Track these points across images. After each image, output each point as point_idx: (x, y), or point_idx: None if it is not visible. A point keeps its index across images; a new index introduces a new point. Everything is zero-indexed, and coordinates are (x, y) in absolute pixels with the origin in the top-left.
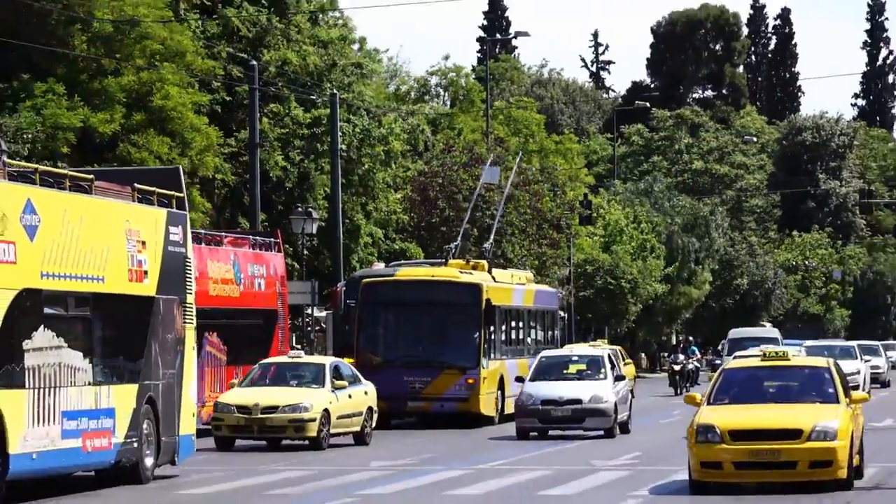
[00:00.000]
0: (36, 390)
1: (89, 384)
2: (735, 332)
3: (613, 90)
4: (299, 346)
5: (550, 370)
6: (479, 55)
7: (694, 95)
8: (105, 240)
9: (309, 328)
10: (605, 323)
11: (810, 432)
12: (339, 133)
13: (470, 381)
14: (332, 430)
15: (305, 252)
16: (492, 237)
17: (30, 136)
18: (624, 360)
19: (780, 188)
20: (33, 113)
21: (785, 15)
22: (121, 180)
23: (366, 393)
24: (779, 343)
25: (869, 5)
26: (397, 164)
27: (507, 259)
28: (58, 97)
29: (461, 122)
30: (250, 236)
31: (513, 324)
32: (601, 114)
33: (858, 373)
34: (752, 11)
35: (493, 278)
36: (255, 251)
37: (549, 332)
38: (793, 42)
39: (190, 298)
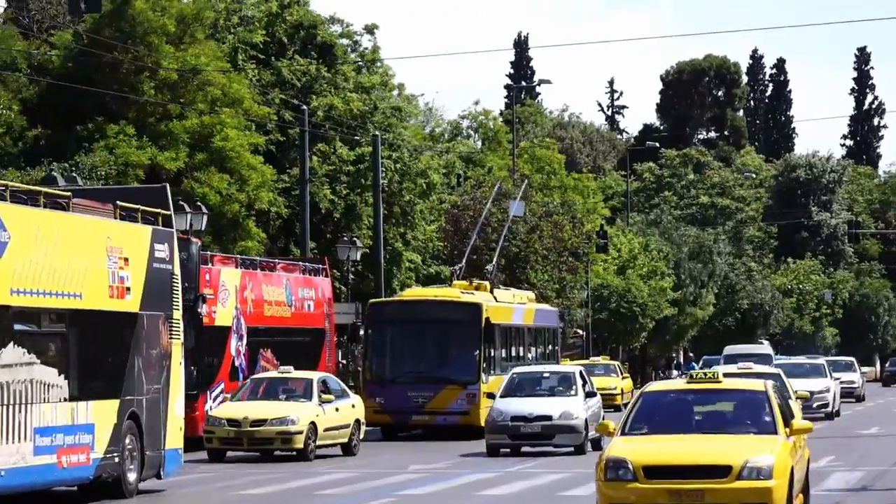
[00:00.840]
0: (4, 407)
1: (65, 400)
2: (729, 349)
3: (627, 132)
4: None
5: (522, 386)
6: (506, 100)
7: (699, 136)
8: (83, 256)
9: (353, 345)
10: (619, 341)
11: (741, 469)
12: (381, 169)
13: (470, 395)
14: (319, 442)
15: (351, 276)
16: (494, 260)
17: (103, 173)
18: (622, 374)
19: (777, 219)
20: (106, 152)
21: (780, 64)
22: (105, 199)
23: (353, 406)
24: (770, 360)
25: (856, 55)
26: (435, 195)
27: (531, 283)
28: (128, 138)
29: (490, 160)
30: (301, 263)
31: (513, 340)
32: (616, 153)
33: (828, 391)
34: (750, 61)
35: (495, 298)
36: (305, 276)
37: (549, 348)
38: (787, 88)
39: (177, 314)
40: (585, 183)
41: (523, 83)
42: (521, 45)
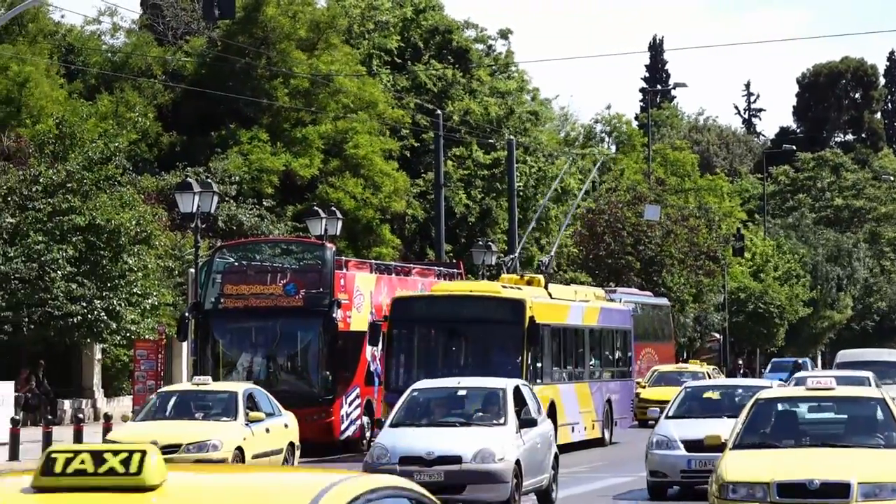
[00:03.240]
0: None
1: None
2: (844, 355)
3: (763, 135)
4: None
5: (426, 410)
6: (641, 104)
7: (836, 139)
8: None
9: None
10: (755, 344)
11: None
12: (516, 173)
13: None
14: None
15: (486, 278)
16: (553, 251)
17: (237, 178)
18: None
19: None
20: (240, 157)
21: None
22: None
23: (286, 426)
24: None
25: None
26: (570, 200)
27: (667, 287)
28: (262, 144)
29: (624, 163)
30: (436, 267)
31: (568, 344)
32: (752, 156)
33: None
34: (888, 63)
35: (550, 294)
36: (440, 280)
37: (618, 354)
38: None
39: None
40: (720, 184)
41: (658, 86)
42: (656, 48)
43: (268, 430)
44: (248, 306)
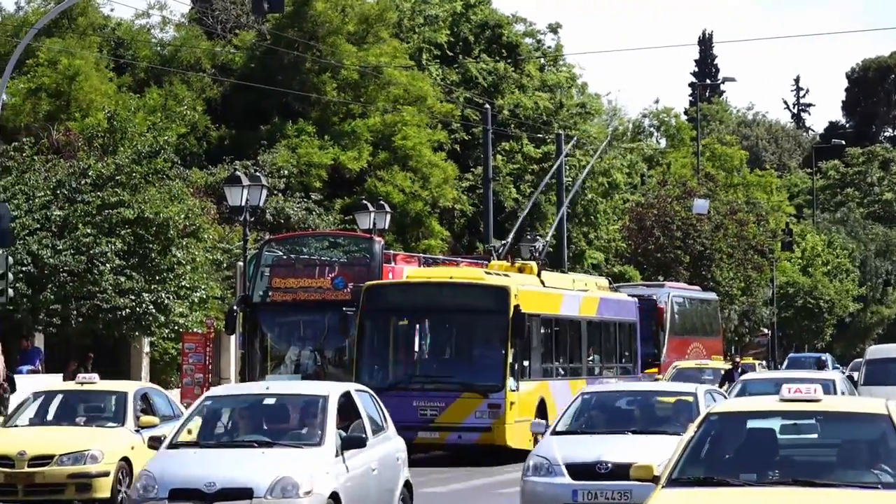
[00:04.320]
0: None
1: None
2: (875, 351)
3: (812, 129)
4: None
5: (223, 426)
6: (690, 98)
7: (885, 134)
8: None
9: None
10: (804, 339)
11: None
12: (565, 167)
13: (493, 406)
14: None
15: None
16: (548, 237)
17: (285, 171)
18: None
19: None
20: (288, 151)
21: None
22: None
23: None
24: None
25: None
26: (619, 195)
27: (716, 281)
28: (310, 137)
29: (672, 157)
30: (484, 261)
31: (563, 337)
32: (801, 151)
33: None
34: None
35: (543, 282)
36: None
37: (621, 348)
38: None
39: None
40: (768, 179)
41: (708, 81)
42: (705, 42)
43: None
44: (296, 300)
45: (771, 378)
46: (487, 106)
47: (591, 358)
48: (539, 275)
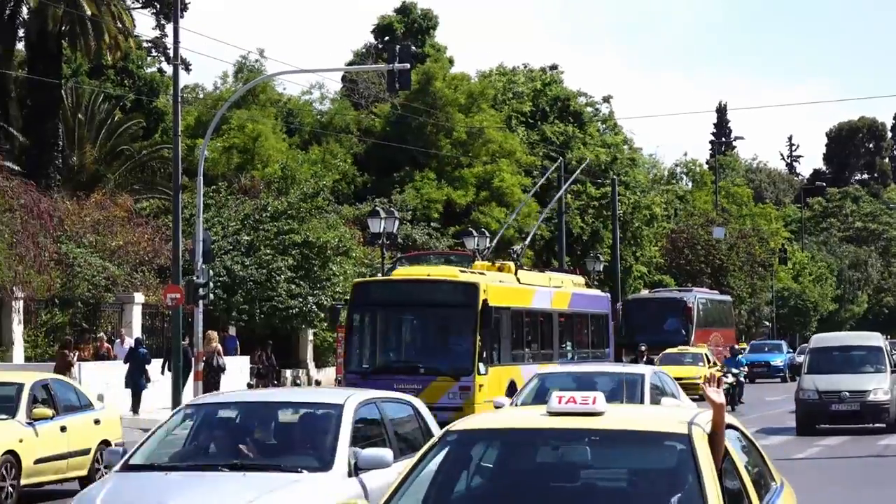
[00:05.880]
0: None
1: None
2: (818, 340)
3: (801, 174)
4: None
5: (211, 442)
6: (710, 151)
7: (855, 178)
8: None
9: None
10: (795, 330)
11: None
12: (618, 204)
13: (464, 388)
14: (30, 480)
15: (595, 283)
16: (526, 242)
17: (411, 207)
18: (709, 363)
19: None
20: (414, 191)
21: None
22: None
23: (97, 422)
24: (883, 354)
25: None
26: (658, 224)
27: (731, 287)
28: (430, 181)
29: (697, 196)
30: (558, 273)
31: (535, 327)
32: (793, 190)
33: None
34: (894, 121)
35: (518, 280)
36: None
37: (594, 336)
38: None
39: None
40: (768, 211)
41: (723, 138)
42: (721, 110)
43: (63, 429)
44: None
45: (570, 372)
46: (560, 158)
47: (564, 345)
48: (516, 273)
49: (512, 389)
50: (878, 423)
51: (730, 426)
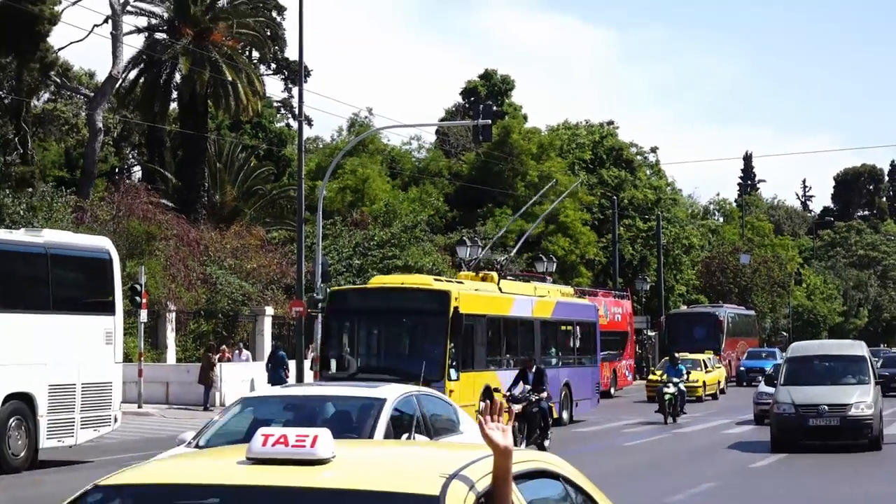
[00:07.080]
0: None
1: None
2: (795, 349)
3: (813, 210)
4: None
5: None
6: (738, 191)
7: (858, 214)
8: None
9: (645, 341)
10: (806, 339)
11: None
12: (662, 235)
13: None
14: None
15: (643, 299)
16: (514, 252)
17: (492, 236)
18: (707, 368)
19: None
20: (494, 224)
21: None
22: None
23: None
24: (866, 364)
25: None
26: (695, 252)
27: (754, 303)
28: (507, 216)
29: (727, 229)
30: (612, 291)
31: (513, 333)
32: (806, 224)
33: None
34: (890, 167)
35: (500, 289)
36: (614, 299)
37: (577, 343)
38: None
39: None
40: (786, 241)
41: (749, 182)
42: (747, 158)
43: None
44: None
45: (284, 396)
46: (614, 197)
47: (548, 351)
48: (498, 283)
49: (487, 394)
50: (859, 439)
51: (548, 474)
